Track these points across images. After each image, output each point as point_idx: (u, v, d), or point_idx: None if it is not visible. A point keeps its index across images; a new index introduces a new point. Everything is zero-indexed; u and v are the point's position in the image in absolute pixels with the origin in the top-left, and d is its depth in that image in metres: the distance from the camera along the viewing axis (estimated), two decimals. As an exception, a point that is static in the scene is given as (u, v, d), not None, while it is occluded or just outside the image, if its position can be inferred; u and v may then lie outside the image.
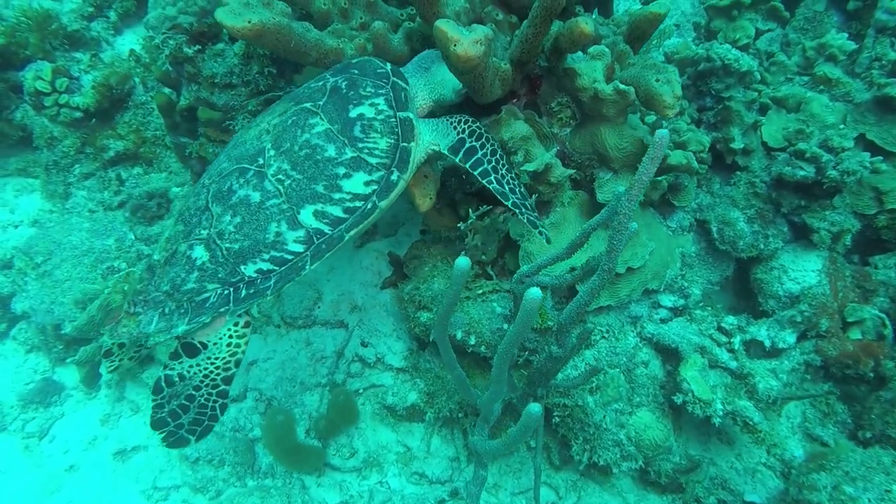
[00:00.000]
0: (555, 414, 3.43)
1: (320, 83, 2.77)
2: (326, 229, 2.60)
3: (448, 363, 2.71)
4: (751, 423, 3.31)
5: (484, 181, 2.87)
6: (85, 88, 4.41)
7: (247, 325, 2.70)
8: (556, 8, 2.56)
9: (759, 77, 4.05)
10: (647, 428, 3.46)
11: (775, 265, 3.92)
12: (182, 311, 2.52)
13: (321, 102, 2.68)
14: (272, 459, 3.77)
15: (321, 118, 2.64)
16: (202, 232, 2.55)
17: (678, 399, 3.35)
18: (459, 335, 3.18)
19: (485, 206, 3.12)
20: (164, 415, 2.57)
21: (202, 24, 3.51)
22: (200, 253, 2.53)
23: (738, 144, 3.86)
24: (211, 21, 3.57)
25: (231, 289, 2.55)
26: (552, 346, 2.50)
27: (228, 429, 3.85)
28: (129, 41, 5.39)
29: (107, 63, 4.66)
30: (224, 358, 2.65)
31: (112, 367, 2.77)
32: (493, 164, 2.91)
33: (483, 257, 3.30)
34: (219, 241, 2.53)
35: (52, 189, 4.58)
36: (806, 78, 4.37)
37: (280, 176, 2.56)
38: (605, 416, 3.42)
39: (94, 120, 4.49)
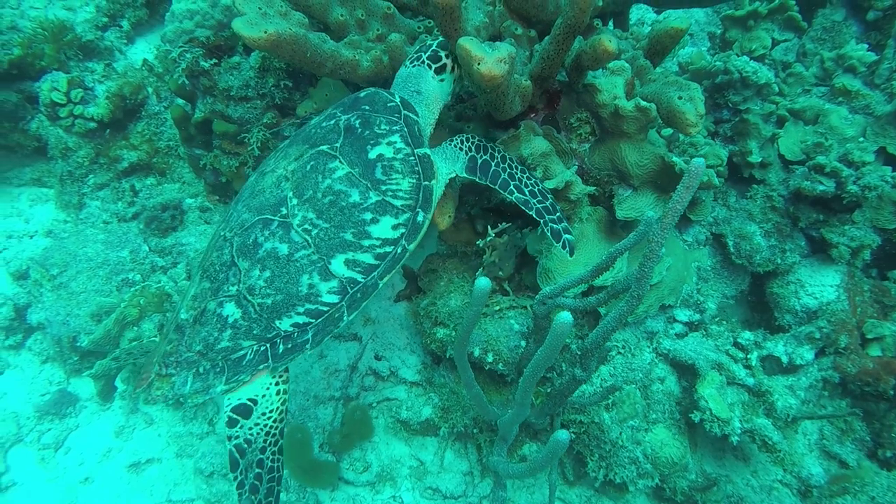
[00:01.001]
0: (571, 430, 3.40)
1: (332, 122, 2.72)
2: (359, 277, 2.55)
3: (467, 382, 2.70)
4: (770, 442, 3.28)
5: (506, 192, 2.85)
6: (99, 99, 4.42)
7: (286, 368, 2.65)
8: (579, 26, 2.54)
9: (777, 89, 4.02)
10: (664, 445, 3.44)
11: (792, 280, 3.88)
12: (218, 370, 2.46)
13: (338, 144, 2.63)
14: (286, 474, 3.76)
15: (340, 161, 2.59)
16: (231, 288, 2.48)
17: (696, 417, 3.32)
18: (477, 352, 3.16)
19: (503, 224, 3.10)
20: (246, 494, 2.49)
21: (219, 38, 3.51)
22: (232, 310, 2.46)
23: (755, 158, 3.83)
24: (227, 34, 3.58)
25: (268, 345, 2.50)
26: (576, 369, 2.48)
27: (242, 441, 3.83)
28: (142, 50, 5.40)
29: (120, 73, 4.67)
30: (277, 408, 2.60)
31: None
32: (509, 171, 2.90)
33: (500, 273, 3.28)
34: (250, 297, 2.46)
35: (66, 199, 4.58)
36: (824, 89, 4.33)
37: (306, 226, 2.51)
38: (621, 433, 3.39)
39: (107, 130, 4.50)
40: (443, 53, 2.97)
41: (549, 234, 2.84)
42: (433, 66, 2.96)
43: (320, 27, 3.09)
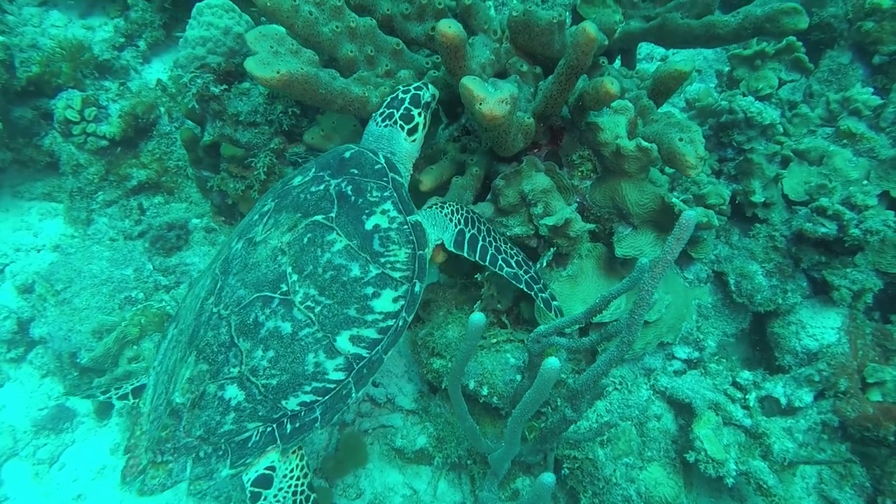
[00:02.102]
0: (564, 466, 3.38)
1: (322, 187, 2.67)
2: (364, 353, 2.52)
3: (460, 414, 2.70)
4: (765, 486, 3.25)
5: (495, 268, 2.89)
6: (112, 117, 4.51)
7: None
8: (582, 67, 2.58)
9: (781, 129, 4.04)
10: (658, 484, 3.41)
11: (793, 320, 3.86)
12: (221, 453, 2.38)
13: (333, 214, 2.59)
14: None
15: (338, 234, 2.55)
16: (232, 370, 2.40)
17: (690, 457, 3.30)
18: (472, 385, 3.16)
19: (502, 257, 3.12)
20: None
21: (230, 64, 3.58)
22: (234, 392, 2.39)
23: (758, 198, 3.84)
24: (238, 61, 3.65)
25: (274, 425, 2.44)
26: (566, 409, 2.48)
27: (236, 464, 3.83)
28: (157, 70, 5.51)
29: (134, 92, 4.77)
30: (298, 464, 2.57)
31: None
32: (495, 244, 2.94)
33: (499, 306, 3.29)
34: (253, 379, 2.39)
35: (74, 215, 4.66)
36: (829, 130, 4.36)
37: (309, 303, 2.46)
38: (615, 470, 3.37)
39: (119, 148, 4.58)
40: (415, 112, 2.96)
41: (541, 304, 2.93)
42: (405, 128, 2.97)
43: (328, 62, 3.14)
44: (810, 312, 3.88)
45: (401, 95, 2.99)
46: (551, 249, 3.07)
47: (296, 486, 2.55)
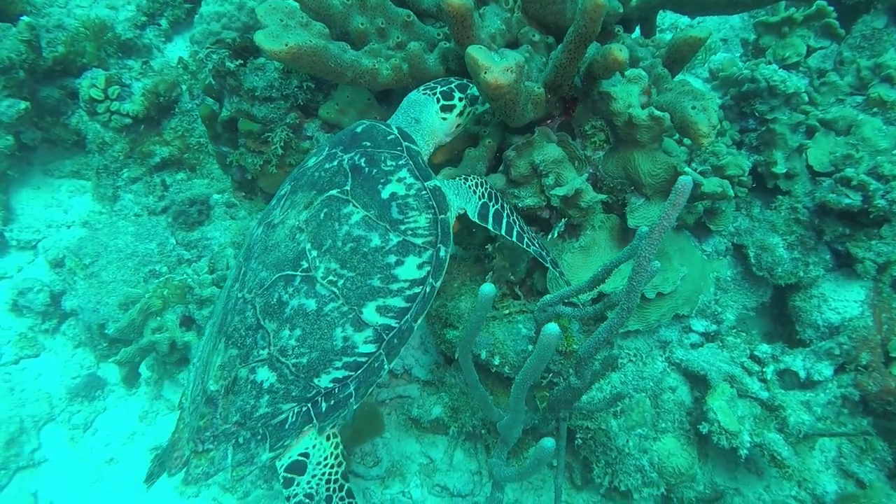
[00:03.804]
0: (578, 436, 3.41)
1: (335, 163, 2.66)
2: (393, 323, 2.49)
3: (471, 384, 2.73)
4: (779, 457, 3.24)
5: (522, 245, 2.86)
6: (135, 96, 4.60)
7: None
8: (590, 34, 2.55)
9: (807, 98, 3.93)
10: (671, 455, 3.41)
11: (815, 293, 3.79)
12: (259, 437, 2.37)
13: (348, 188, 2.57)
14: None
15: (354, 205, 2.53)
16: (261, 352, 2.39)
17: (704, 429, 3.29)
18: (484, 355, 3.20)
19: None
20: None
21: (244, 39, 3.62)
22: (266, 374, 2.37)
23: (780, 169, 3.76)
24: (253, 36, 3.68)
25: (309, 404, 2.42)
26: (571, 377, 2.50)
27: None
28: (179, 47, 5.59)
29: (156, 70, 4.85)
30: (332, 453, 2.53)
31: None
32: (519, 223, 2.92)
33: (511, 277, 3.30)
34: (283, 359, 2.38)
35: (101, 192, 4.79)
36: (859, 99, 4.22)
37: (331, 277, 2.44)
38: (628, 441, 3.38)
39: (142, 126, 4.68)
40: (457, 95, 2.97)
41: (557, 275, 2.96)
42: (441, 102, 2.96)
43: (339, 35, 3.15)
44: (833, 286, 3.80)
45: (452, 79, 3.03)
46: (563, 220, 3.06)
47: (329, 473, 2.52)
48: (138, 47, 5.31)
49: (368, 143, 2.70)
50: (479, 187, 2.90)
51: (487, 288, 2.13)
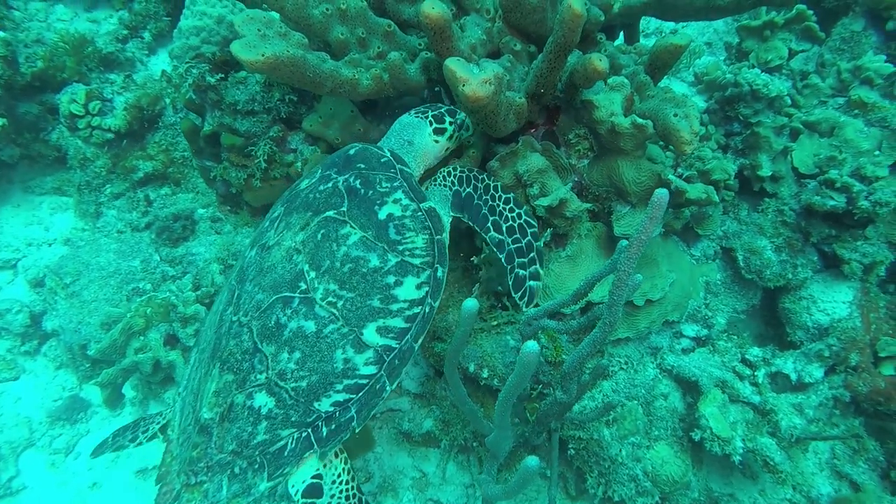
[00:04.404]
0: (570, 446, 3.38)
1: (330, 185, 2.64)
2: (393, 343, 2.45)
3: (459, 399, 2.69)
4: (771, 462, 3.22)
5: (482, 231, 2.80)
6: (117, 110, 4.55)
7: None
8: (570, 44, 2.53)
9: (789, 102, 3.94)
10: (665, 463, 3.39)
11: (804, 295, 3.80)
12: (257, 466, 2.29)
13: (344, 209, 2.55)
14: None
15: (352, 226, 2.51)
16: (259, 377, 2.32)
17: (696, 436, 3.27)
18: (472, 368, 3.16)
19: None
20: None
21: (225, 53, 3.58)
22: (264, 400, 2.30)
23: (765, 172, 3.77)
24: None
25: (309, 429, 2.34)
26: (557, 392, 2.46)
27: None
28: (163, 61, 5.54)
29: (139, 84, 4.80)
30: (344, 468, 2.50)
31: None
32: (490, 204, 2.84)
33: (499, 288, 3.27)
34: (282, 383, 2.31)
35: (84, 208, 4.72)
36: (841, 100, 4.24)
37: (330, 298, 2.39)
38: (620, 450, 3.35)
39: (125, 141, 4.62)
40: (448, 119, 2.98)
41: (510, 282, 2.74)
42: (433, 125, 2.97)
43: (321, 46, 3.12)
44: (821, 287, 3.81)
45: (440, 105, 3.04)
46: (549, 230, 3.04)
47: (347, 490, 2.48)
48: (120, 61, 5.26)
49: (363, 165, 2.69)
50: (449, 176, 2.90)
51: (470, 303, 2.10)
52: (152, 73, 5.37)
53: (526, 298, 2.69)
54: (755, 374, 3.54)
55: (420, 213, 2.61)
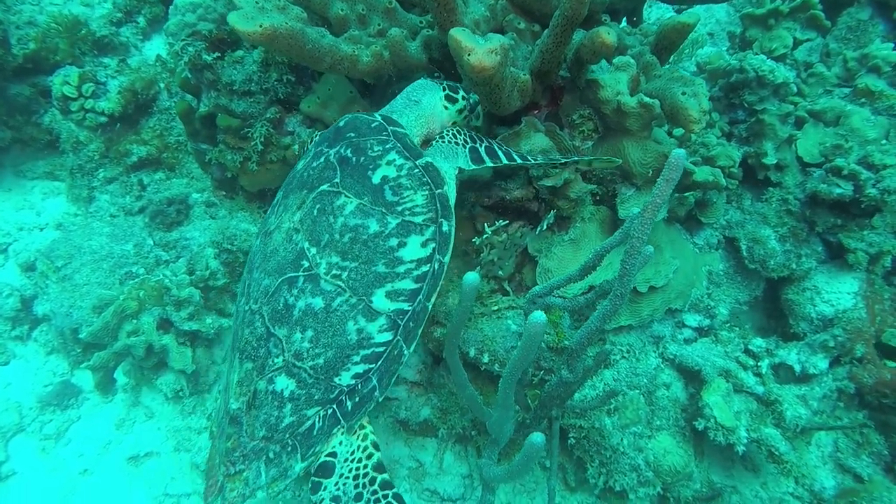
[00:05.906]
0: (571, 435, 3.33)
1: (322, 160, 2.60)
2: (405, 306, 2.41)
3: (459, 382, 2.63)
4: (776, 452, 3.16)
5: (530, 162, 2.78)
6: (111, 94, 4.46)
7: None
8: (577, 17, 2.47)
9: (795, 89, 3.89)
10: (667, 453, 3.33)
11: (808, 286, 3.74)
12: (289, 448, 2.30)
13: (337, 180, 2.51)
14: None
15: (346, 196, 2.47)
16: (276, 361, 2.32)
17: (700, 425, 3.22)
18: (472, 353, 3.09)
19: (501, 221, 3.03)
20: None
21: (221, 31, 3.51)
22: (285, 382, 2.31)
23: (770, 160, 3.71)
24: (230, 28, 3.57)
25: (334, 405, 2.34)
26: (563, 370, 2.40)
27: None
28: (158, 46, 5.45)
29: (133, 68, 4.71)
30: (360, 445, 2.42)
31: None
32: (505, 146, 2.86)
33: (500, 273, 3.20)
34: (299, 363, 2.31)
35: (76, 193, 4.64)
36: (847, 90, 4.18)
37: (334, 271, 2.37)
38: (622, 440, 3.30)
39: (118, 125, 4.54)
40: (462, 94, 2.98)
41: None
42: (446, 91, 2.95)
43: (320, 22, 3.05)
44: (826, 277, 3.75)
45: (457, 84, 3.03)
46: (552, 212, 2.98)
47: (356, 469, 2.39)
48: (114, 45, 5.17)
49: (353, 134, 2.65)
50: (459, 136, 2.85)
51: (471, 277, 2.04)
52: (147, 58, 5.28)
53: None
54: (758, 364, 3.49)
55: (416, 170, 2.56)
